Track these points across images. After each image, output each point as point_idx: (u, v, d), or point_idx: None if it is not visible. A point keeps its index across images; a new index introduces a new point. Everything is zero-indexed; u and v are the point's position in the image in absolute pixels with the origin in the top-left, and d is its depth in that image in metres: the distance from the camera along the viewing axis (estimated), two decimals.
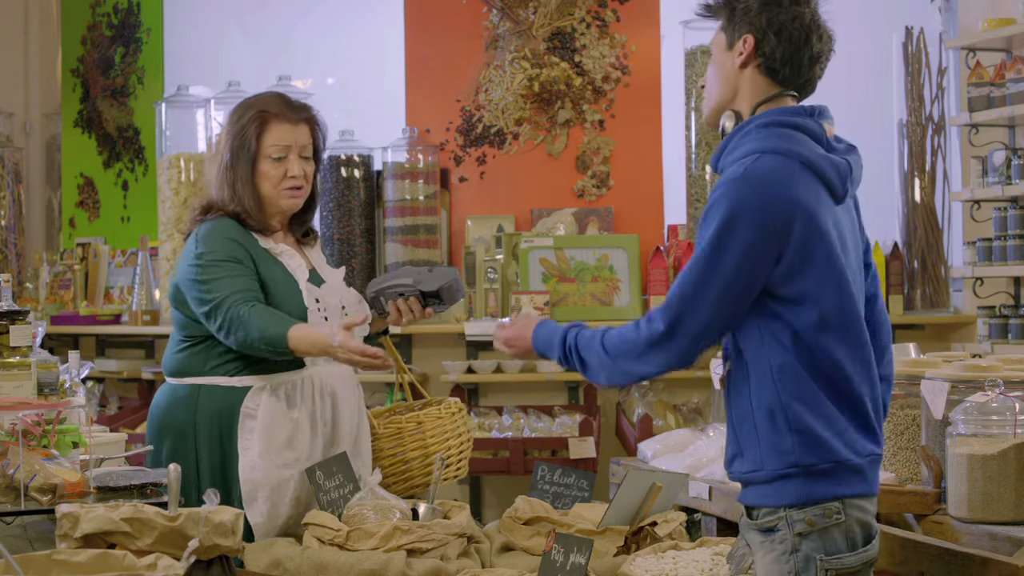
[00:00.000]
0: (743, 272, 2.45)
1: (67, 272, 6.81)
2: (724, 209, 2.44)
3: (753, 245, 2.43)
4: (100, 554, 2.57)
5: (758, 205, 2.43)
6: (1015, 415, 3.06)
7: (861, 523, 2.51)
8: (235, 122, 3.47)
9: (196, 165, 6.19)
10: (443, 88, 6.09)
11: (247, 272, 3.36)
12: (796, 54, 2.55)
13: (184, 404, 3.41)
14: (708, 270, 2.46)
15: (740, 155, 2.50)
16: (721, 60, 2.62)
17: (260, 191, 3.45)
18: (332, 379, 3.48)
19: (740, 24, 2.57)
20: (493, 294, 5.71)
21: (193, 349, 3.44)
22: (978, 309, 5.25)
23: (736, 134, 2.56)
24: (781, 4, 2.55)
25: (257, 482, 3.35)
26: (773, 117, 2.54)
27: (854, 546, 2.50)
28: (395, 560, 3.08)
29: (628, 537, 3.35)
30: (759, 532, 2.53)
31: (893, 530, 3.09)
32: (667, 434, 4.56)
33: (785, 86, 2.58)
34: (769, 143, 2.49)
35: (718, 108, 2.63)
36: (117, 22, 7.02)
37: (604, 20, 6.02)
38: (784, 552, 2.49)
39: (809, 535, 2.47)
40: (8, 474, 3.07)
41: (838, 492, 2.48)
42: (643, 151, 6.03)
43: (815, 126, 2.55)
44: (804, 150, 2.50)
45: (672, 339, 2.50)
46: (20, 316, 3.45)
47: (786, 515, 2.49)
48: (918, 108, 5.67)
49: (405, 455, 3.59)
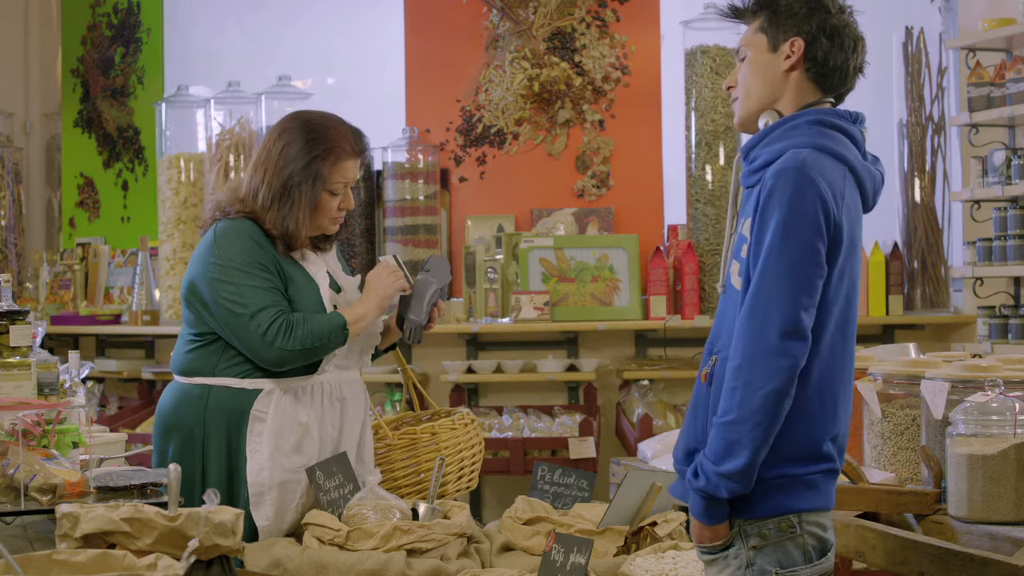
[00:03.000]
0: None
1: (67, 272, 6.81)
2: (783, 199, 2.41)
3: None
4: (100, 554, 2.57)
5: (817, 195, 2.40)
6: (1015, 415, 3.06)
7: (817, 537, 2.50)
8: (303, 145, 3.40)
9: (196, 165, 6.19)
10: (443, 88, 6.10)
11: (275, 280, 3.36)
12: (845, 62, 2.54)
13: (193, 404, 3.40)
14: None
15: (787, 147, 2.46)
16: (763, 61, 2.56)
17: (313, 219, 3.44)
18: (342, 385, 3.49)
19: (786, 26, 2.53)
20: (493, 294, 5.71)
21: (204, 349, 3.42)
22: (978, 309, 5.25)
23: (780, 126, 2.52)
24: (829, 10, 2.53)
25: (264, 485, 3.35)
26: (821, 116, 2.51)
27: (809, 559, 2.49)
28: (395, 560, 3.09)
29: (628, 537, 3.35)
30: (709, 552, 2.52)
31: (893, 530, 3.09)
32: (667, 434, 4.57)
33: (828, 93, 2.56)
34: (820, 141, 2.47)
35: (758, 110, 2.58)
36: (117, 22, 7.02)
37: (604, 20, 6.02)
38: (740, 567, 2.48)
39: (763, 548, 2.47)
40: (8, 474, 3.07)
41: (793, 506, 2.46)
42: (643, 151, 6.03)
43: (858, 133, 2.55)
44: (851, 156, 2.49)
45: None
46: (20, 316, 3.45)
47: (739, 529, 2.48)
48: (918, 108, 5.67)
49: (420, 466, 3.59)
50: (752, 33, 2.59)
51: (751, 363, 2.38)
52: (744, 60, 2.60)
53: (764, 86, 2.56)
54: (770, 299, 2.39)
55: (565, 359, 5.76)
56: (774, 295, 2.39)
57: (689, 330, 5.71)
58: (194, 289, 3.40)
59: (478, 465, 3.71)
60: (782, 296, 2.38)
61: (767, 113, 2.56)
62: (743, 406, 2.38)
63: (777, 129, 2.52)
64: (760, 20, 2.57)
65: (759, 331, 2.39)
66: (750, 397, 2.38)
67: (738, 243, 2.53)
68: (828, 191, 2.41)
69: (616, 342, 5.90)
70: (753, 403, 2.37)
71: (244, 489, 3.35)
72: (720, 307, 2.60)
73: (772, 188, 2.41)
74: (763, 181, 2.45)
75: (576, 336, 5.87)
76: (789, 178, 2.40)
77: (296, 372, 3.40)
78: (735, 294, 2.51)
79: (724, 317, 2.56)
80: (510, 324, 5.65)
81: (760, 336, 2.38)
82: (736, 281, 2.51)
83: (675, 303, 5.71)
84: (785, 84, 2.55)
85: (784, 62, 2.54)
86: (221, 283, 3.34)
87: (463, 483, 3.64)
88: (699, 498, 2.46)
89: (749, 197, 2.55)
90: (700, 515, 2.47)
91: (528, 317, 5.63)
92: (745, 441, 2.38)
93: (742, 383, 2.39)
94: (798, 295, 2.39)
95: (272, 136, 3.46)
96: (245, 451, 3.36)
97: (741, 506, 2.46)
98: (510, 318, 5.66)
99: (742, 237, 2.51)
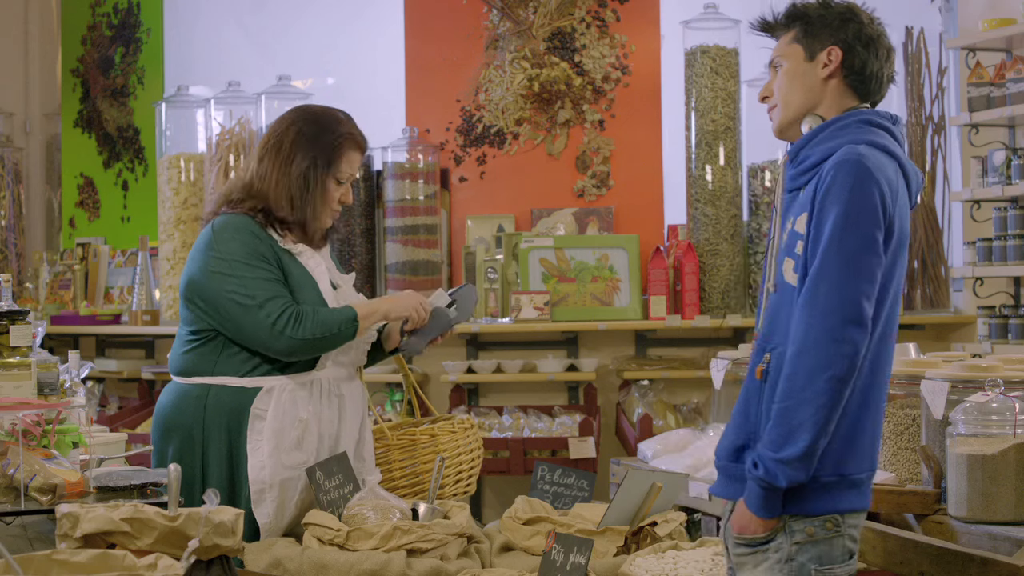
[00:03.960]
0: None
1: (67, 272, 6.81)
2: (844, 190, 2.44)
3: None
4: (100, 554, 2.57)
5: (877, 187, 2.44)
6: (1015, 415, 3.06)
7: (853, 538, 2.52)
8: (319, 132, 3.47)
9: (196, 165, 6.19)
10: (443, 88, 6.09)
11: (277, 272, 3.38)
12: (880, 70, 2.61)
13: (193, 403, 3.40)
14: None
15: (840, 145, 2.50)
16: (800, 71, 2.62)
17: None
18: (340, 382, 3.49)
19: (822, 36, 2.60)
20: (493, 294, 5.71)
21: (202, 348, 3.42)
22: (978, 309, 5.25)
23: (829, 127, 2.56)
24: (862, 20, 2.60)
25: (266, 482, 3.35)
26: (869, 116, 2.57)
27: (845, 559, 2.50)
28: (395, 560, 3.09)
29: (628, 537, 3.35)
30: (748, 545, 2.52)
31: (893, 530, 3.09)
32: (667, 434, 4.57)
33: (864, 100, 2.62)
34: (872, 138, 2.52)
35: (798, 116, 2.62)
36: (117, 22, 7.02)
37: (604, 20, 6.02)
38: (779, 561, 2.49)
39: (806, 545, 2.47)
40: (8, 474, 3.07)
41: (840, 506, 2.48)
42: (643, 151, 6.03)
43: (900, 134, 2.60)
44: (899, 153, 2.54)
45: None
46: (20, 316, 3.45)
47: (785, 524, 2.49)
48: (918, 108, 5.67)
49: (417, 467, 3.60)
50: (786, 44, 2.64)
51: (812, 350, 2.39)
52: (779, 70, 2.65)
53: (804, 94, 2.62)
54: (832, 287, 2.41)
55: (565, 359, 5.75)
56: (836, 283, 2.41)
57: (689, 330, 5.71)
58: (194, 286, 3.40)
59: (476, 471, 3.72)
60: (844, 284, 2.41)
61: (810, 118, 2.61)
62: (804, 392, 2.39)
63: (826, 130, 2.57)
64: (794, 32, 2.63)
65: (821, 318, 2.40)
66: (812, 383, 2.39)
67: (791, 240, 2.54)
68: (885, 184, 2.45)
69: (616, 342, 5.90)
70: (815, 388, 2.38)
71: (245, 487, 3.35)
72: (773, 305, 2.59)
73: (832, 180, 2.45)
74: (819, 175, 2.48)
75: (576, 336, 5.87)
76: (850, 169, 2.45)
77: (296, 368, 3.40)
78: (790, 291, 2.52)
79: (778, 315, 2.56)
80: (510, 324, 5.65)
81: (822, 323, 2.40)
82: (791, 277, 2.52)
83: (675, 303, 5.71)
84: (824, 91, 2.61)
85: (822, 70, 2.60)
86: (224, 277, 3.34)
87: (460, 487, 3.64)
88: (758, 488, 2.45)
89: (794, 200, 2.58)
90: (757, 507, 2.47)
91: (528, 317, 5.63)
92: (807, 425, 2.39)
93: (803, 369, 2.39)
94: (859, 283, 2.41)
95: (282, 125, 3.50)
96: (245, 449, 3.36)
97: (793, 501, 2.46)
98: (510, 318, 5.66)
99: (795, 234, 2.53)
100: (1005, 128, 5.22)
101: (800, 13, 2.63)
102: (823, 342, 2.39)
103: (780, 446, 2.41)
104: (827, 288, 2.41)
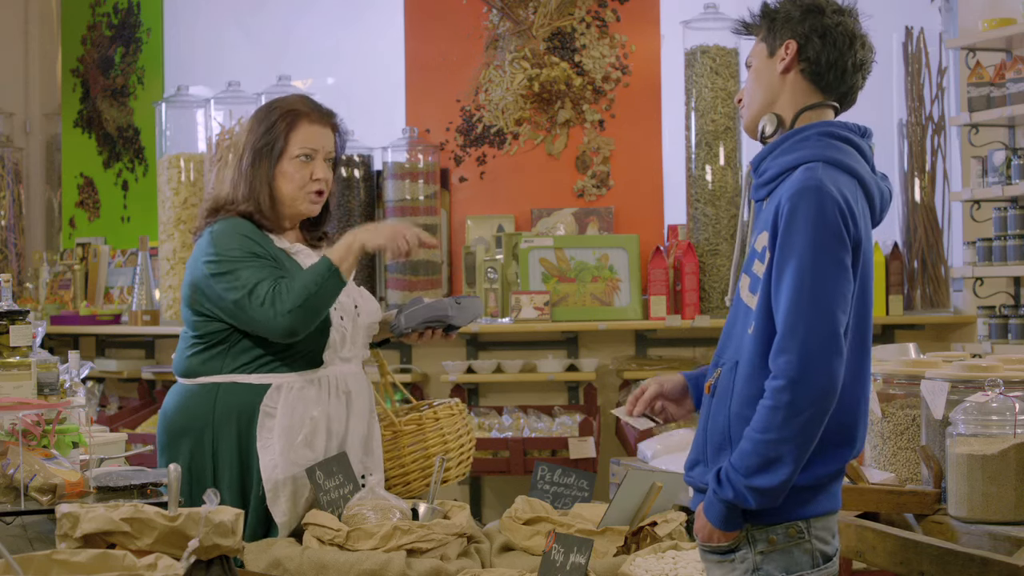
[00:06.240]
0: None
1: (67, 272, 6.81)
2: (807, 220, 2.41)
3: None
4: (100, 554, 2.57)
5: (838, 209, 2.42)
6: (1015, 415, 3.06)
7: (824, 540, 2.50)
8: (261, 120, 3.47)
9: (196, 165, 6.19)
10: (443, 88, 6.10)
11: (269, 263, 3.36)
12: (840, 59, 2.55)
13: (201, 404, 3.38)
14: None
15: (798, 160, 2.48)
16: (762, 68, 2.61)
17: (279, 191, 3.44)
18: (347, 378, 3.49)
19: (782, 32, 2.57)
20: (493, 294, 5.71)
21: (209, 352, 3.41)
22: (978, 309, 5.25)
23: (789, 138, 2.54)
24: (824, 12, 2.56)
25: (279, 481, 3.34)
26: (830, 128, 2.53)
27: (816, 564, 2.49)
28: (395, 560, 3.09)
29: (628, 537, 3.35)
30: (715, 553, 2.52)
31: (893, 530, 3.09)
32: (667, 434, 4.57)
33: (827, 93, 2.57)
34: (830, 153, 2.48)
35: (758, 114, 2.60)
36: (117, 22, 7.02)
37: (604, 20, 6.02)
38: (746, 571, 2.48)
39: (770, 554, 2.46)
40: (8, 474, 3.07)
41: (802, 513, 2.46)
42: (643, 151, 6.03)
43: (866, 147, 2.56)
44: (860, 169, 2.51)
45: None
46: (20, 316, 3.45)
47: (748, 533, 2.48)
48: (918, 108, 5.67)
49: (427, 451, 3.62)
50: (756, 44, 2.64)
51: (794, 385, 2.37)
52: (750, 70, 2.65)
53: (764, 91, 2.60)
54: (811, 320, 2.38)
55: (565, 359, 5.76)
56: (814, 316, 2.38)
57: (689, 330, 5.71)
58: (198, 290, 3.40)
59: (473, 450, 3.77)
60: (821, 317, 2.38)
61: (766, 118, 2.58)
62: (786, 427, 2.37)
63: (786, 142, 2.54)
64: (763, 31, 2.62)
65: (801, 352, 2.37)
66: (794, 418, 2.37)
67: (750, 257, 2.53)
68: (844, 204, 2.42)
69: (616, 342, 5.90)
70: (797, 424, 2.37)
71: (258, 486, 3.35)
72: (729, 319, 2.60)
73: (793, 209, 2.42)
74: (780, 204, 2.45)
75: (576, 336, 5.87)
76: (811, 197, 2.41)
77: (303, 365, 3.40)
78: (744, 308, 2.51)
79: (732, 330, 2.56)
80: (510, 324, 5.65)
81: (803, 356, 2.37)
82: (746, 296, 2.51)
83: (675, 303, 5.71)
84: (783, 86, 2.58)
85: (779, 64, 2.57)
86: (219, 277, 3.34)
87: (462, 469, 3.69)
88: (722, 507, 2.45)
89: (759, 211, 2.56)
90: (718, 522, 2.46)
91: (528, 317, 5.63)
92: (787, 460, 2.38)
93: (784, 403, 2.37)
94: (835, 313, 2.39)
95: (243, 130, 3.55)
96: (256, 448, 3.36)
97: (752, 512, 2.46)
98: (510, 318, 5.66)
99: (754, 252, 2.51)
100: (1005, 128, 5.23)
101: (768, 11, 2.62)
102: (805, 377, 2.37)
103: (754, 473, 2.40)
104: (806, 322, 2.38)
